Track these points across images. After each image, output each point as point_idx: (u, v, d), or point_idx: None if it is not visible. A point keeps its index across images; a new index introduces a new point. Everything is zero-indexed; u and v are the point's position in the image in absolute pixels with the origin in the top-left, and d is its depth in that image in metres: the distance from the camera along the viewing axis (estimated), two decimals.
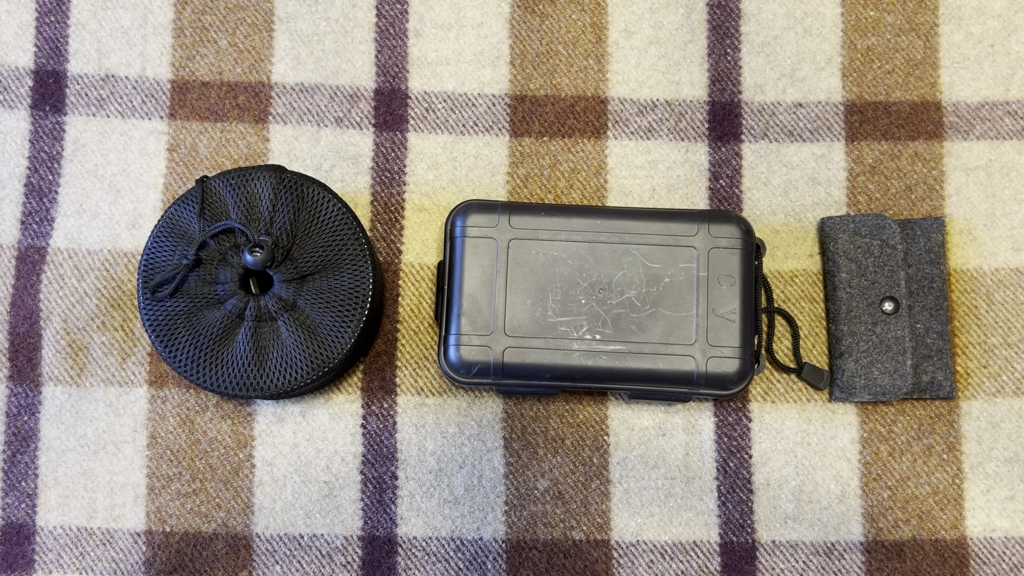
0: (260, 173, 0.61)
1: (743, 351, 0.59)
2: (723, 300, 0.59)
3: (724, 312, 0.59)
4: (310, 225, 0.61)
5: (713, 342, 0.59)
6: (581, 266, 0.60)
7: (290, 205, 0.60)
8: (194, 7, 0.68)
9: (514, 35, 0.68)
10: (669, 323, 0.59)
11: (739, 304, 0.59)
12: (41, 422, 0.64)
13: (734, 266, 0.60)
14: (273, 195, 0.60)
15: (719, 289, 0.59)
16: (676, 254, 0.60)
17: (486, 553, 0.63)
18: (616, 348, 0.59)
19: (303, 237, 0.61)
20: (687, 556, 0.63)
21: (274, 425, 0.64)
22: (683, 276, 0.59)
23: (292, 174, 0.61)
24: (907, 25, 0.68)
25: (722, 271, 0.60)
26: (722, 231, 0.60)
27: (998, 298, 0.65)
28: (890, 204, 0.66)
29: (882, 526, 0.63)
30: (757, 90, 0.67)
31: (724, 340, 0.59)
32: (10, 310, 0.65)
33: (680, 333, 0.59)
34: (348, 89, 0.68)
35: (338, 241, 0.61)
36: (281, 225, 0.60)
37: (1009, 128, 0.67)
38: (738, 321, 0.59)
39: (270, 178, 0.61)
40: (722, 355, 0.59)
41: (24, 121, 0.67)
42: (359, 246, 0.61)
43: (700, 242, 0.60)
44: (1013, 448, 0.63)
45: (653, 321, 0.59)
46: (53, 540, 0.63)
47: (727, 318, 0.59)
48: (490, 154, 0.67)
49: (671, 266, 0.60)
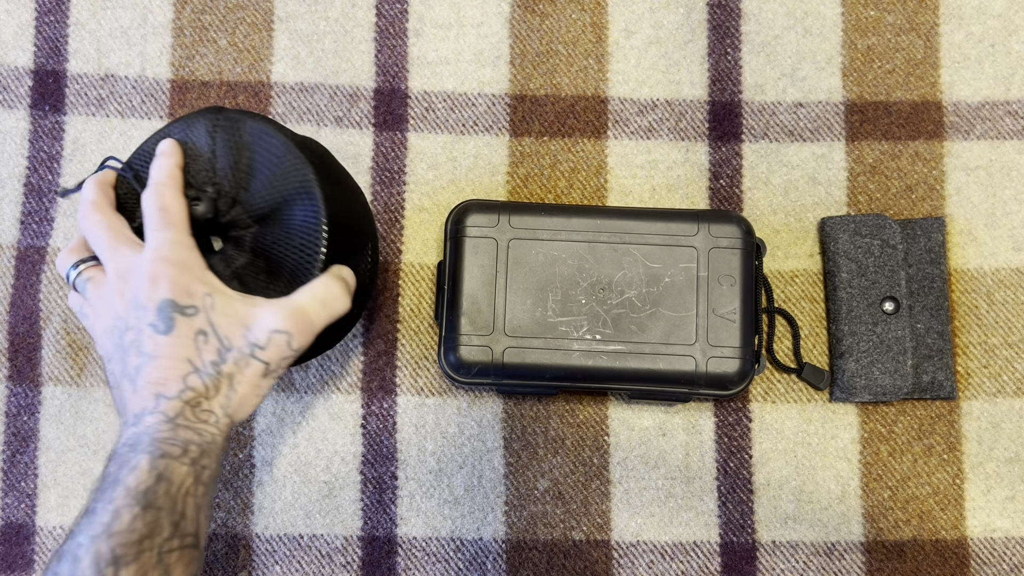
0: (196, 119, 0.55)
1: (743, 351, 0.59)
2: (723, 300, 0.59)
3: (724, 312, 0.59)
4: (252, 165, 0.54)
5: (713, 342, 0.59)
6: (581, 266, 0.60)
7: (230, 147, 0.54)
8: (194, 7, 0.68)
9: (514, 35, 0.68)
10: (669, 323, 0.59)
11: (739, 304, 0.59)
12: (41, 422, 0.64)
13: (734, 266, 0.60)
14: (211, 139, 0.54)
15: (719, 289, 0.59)
16: (676, 254, 0.60)
17: (486, 553, 0.63)
18: (616, 348, 0.59)
19: (248, 179, 0.54)
20: (687, 556, 0.63)
21: (274, 426, 0.64)
22: (683, 276, 0.59)
23: (230, 112, 0.55)
24: (907, 25, 0.68)
25: (722, 271, 0.59)
26: (722, 231, 0.60)
27: (998, 298, 0.65)
28: (890, 204, 0.66)
29: (882, 526, 0.63)
30: (757, 90, 0.67)
31: (724, 340, 0.59)
32: (10, 310, 0.65)
33: (680, 333, 0.59)
34: (348, 89, 0.67)
35: (285, 176, 0.54)
36: (224, 170, 0.54)
37: (1009, 128, 0.67)
38: (738, 321, 0.59)
39: (206, 122, 0.55)
40: (722, 355, 0.59)
41: (24, 121, 0.67)
42: (305, 180, 0.53)
43: (700, 242, 0.60)
44: (1013, 448, 0.63)
45: (653, 321, 0.59)
46: (53, 540, 0.63)
47: (727, 318, 0.59)
48: (490, 154, 0.67)
49: (671, 266, 0.60)
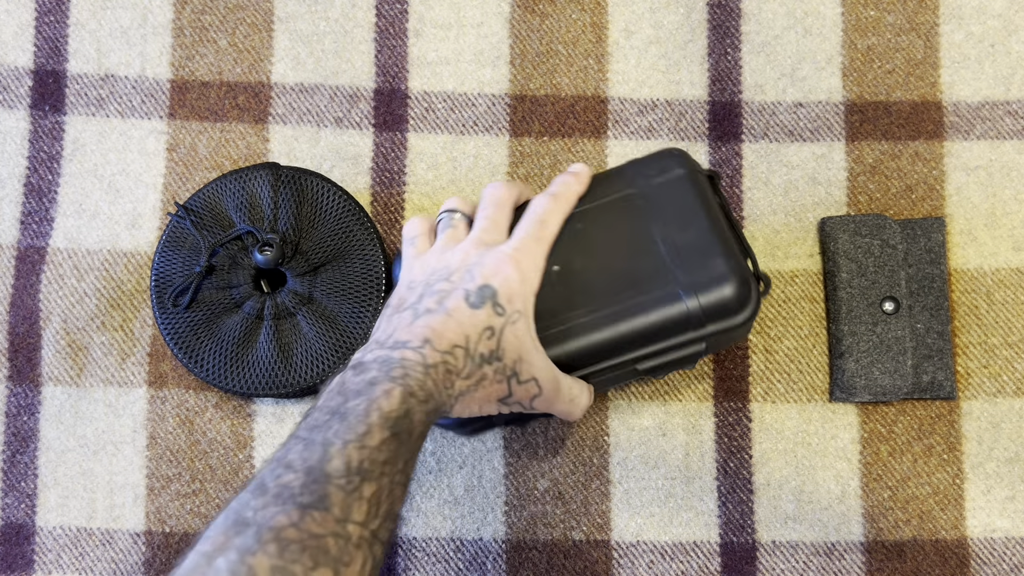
0: (256, 172, 0.61)
1: (734, 273, 0.53)
2: (688, 232, 0.54)
3: (693, 242, 0.54)
4: (314, 217, 0.61)
5: (695, 275, 0.53)
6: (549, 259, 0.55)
7: (291, 199, 0.61)
8: (194, 7, 0.68)
9: (514, 35, 0.68)
10: (639, 273, 0.54)
11: (708, 228, 0.54)
12: (41, 422, 0.64)
13: (685, 195, 0.55)
14: (273, 192, 0.61)
15: (679, 222, 0.54)
16: (622, 206, 0.56)
17: (486, 553, 0.63)
18: (595, 316, 0.54)
19: (308, 229, 0.61)
20: (687, 556, 0.63)
21: (274, 425, 0.64)
22: (636, 223, 0.55)
23: (288, 168, 0.62)
24: (907, 25, 0.68)
25: (674, 204, 0.55)
26: (657, 167, 0.56)
27: (998, 298, 0.65)
28: (890, 204, 0.66)
29: (882, 526, 0.63)
30: (757, 90, 0.67)
31: (709, 269, 0.53)
32: (10, 310, 0.65)
33: (656, 279, 0.54)
34: (348, 89, 0.67)
35: (344, 229, 0.61)
36: (286, 220, 0.60)
37: (1009, 128, 0.67)
38: (716, 244, 0.54)
39: (267, 175, 0.61)
40: (711, 283, 0.53)
41: (24, 121, 0.67)
42: (366, 231, 0.61)
43: (640, 186, 0.56)
44: (1014, 448, 0.63)
45: (626, 279, 0.54)
46: (53, 540, 0.63)
47: (700, 248, 0.54)
48: (490, 154, 0.67)
49: (620, 219, 0.55)
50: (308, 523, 0.40)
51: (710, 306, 0.53)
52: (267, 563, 0.38)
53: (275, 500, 0.41)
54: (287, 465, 0.42)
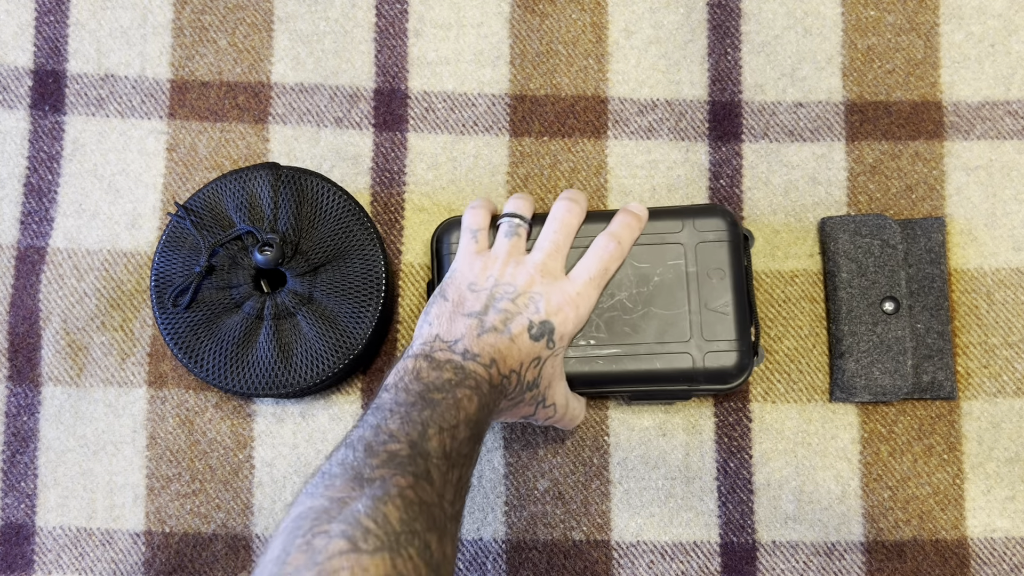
0: (256, 172, 0.61)
1: (740, 343, 0.58)
2: (715, 294, 0.59)
3: (717, 306, 0.59)
4: (314, 217, 0.61)
5: (709, 337, 0.58)
6: None
7: (291, 199, 0.61)
8: (193, 7, 0.68)
9: (514, 35, 0.68)
10: (663, 322, 0.58)
11: (731, 296, 0.59)
12: (41, 422, 0.64)
13: (723, 259, 0.59)
14: (273, 192, 0.61)
15: (709, 283, 0.59)
16: (663, 252, 0.59)
17: (486, 553, 0.63)
18: (611, 352, 0.58)
19: (308, 229, 0.61)
20: (687, 556, 0.63)
21: (274, 426, 0.64)
22: (672, 273, 0.59)
23: (288, 168, 0.62)
24: (907, 25, 0.68)
25: (711, 265, 0.59)
26: (707, 224, 0.60)
27: (999, 298, 0.65)
28: (890, 204, 0.66)
29: (883, 526, 0.63)
30: (757, 90, 0.67)
31: (720, 334, 0.58)
32: (10, 310, 0.65)
33: (674, 331, 0.58)
34: (348, 89, 0.67)
35: (344, 229, 0.61)
36: (286, 220, 0.60)
37: (1009, 128, 0.67)
38: (732, 314, 0.58)
39: (267, 175, 0.61)
40: (719, 349, 0.58)
41: (24, 121, 0.67)
42: (366, 231, 0.61)
43: (686, 237, 0.59)
44: (1014, 448, 0.63)
45: (646, 321, 0.59)
46: (52, 540, 0.63)
47: (720, 312, 0.58)
48: (490, 154, 0.67)
49: (659, 264, 0.59)
50: (420, 490, 0.43)
51: (711, 370, 0.58)
52: (396, 514, 0.42)
53: (388, 463, 0.44)
54: (390, 434, 0.45)
